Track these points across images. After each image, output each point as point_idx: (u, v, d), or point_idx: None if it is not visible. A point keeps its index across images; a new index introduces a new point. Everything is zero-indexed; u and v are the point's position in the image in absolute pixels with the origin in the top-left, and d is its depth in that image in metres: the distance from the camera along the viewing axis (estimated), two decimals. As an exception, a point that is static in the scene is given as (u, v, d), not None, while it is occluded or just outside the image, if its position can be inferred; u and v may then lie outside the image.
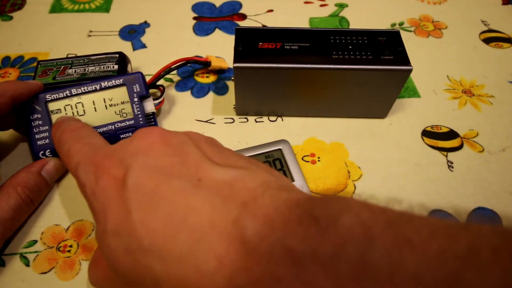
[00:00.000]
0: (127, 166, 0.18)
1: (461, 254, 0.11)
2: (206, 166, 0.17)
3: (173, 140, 0.19)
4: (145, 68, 0.39)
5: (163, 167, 0.17)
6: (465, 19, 0.46)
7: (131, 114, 0.31)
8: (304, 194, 0.16)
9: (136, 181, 0.17)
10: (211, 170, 0.17)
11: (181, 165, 0.18)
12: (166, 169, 0.17)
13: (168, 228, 0.15)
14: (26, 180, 0.27)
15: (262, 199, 0.15)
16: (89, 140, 0.22)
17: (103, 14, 0.45)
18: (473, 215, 0.29)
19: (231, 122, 0.35)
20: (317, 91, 0.32)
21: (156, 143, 0.19)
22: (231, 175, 0.17)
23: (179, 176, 0.17)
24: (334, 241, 0.13)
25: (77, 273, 0.26)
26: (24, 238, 0.27)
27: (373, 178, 0.31)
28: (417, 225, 0.13)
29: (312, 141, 0.33)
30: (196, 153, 0.18)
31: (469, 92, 0.38)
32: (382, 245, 0.12)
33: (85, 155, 0.20)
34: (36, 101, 0.30)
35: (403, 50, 0.31)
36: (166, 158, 0.18)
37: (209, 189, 0.16)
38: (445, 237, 0.12)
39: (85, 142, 0.22)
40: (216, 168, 0.17)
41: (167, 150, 0.18)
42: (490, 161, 0.32)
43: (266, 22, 0.45)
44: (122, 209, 0.17)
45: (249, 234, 0.14)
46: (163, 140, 0.19)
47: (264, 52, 0.30)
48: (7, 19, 0.44)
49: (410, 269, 0.11)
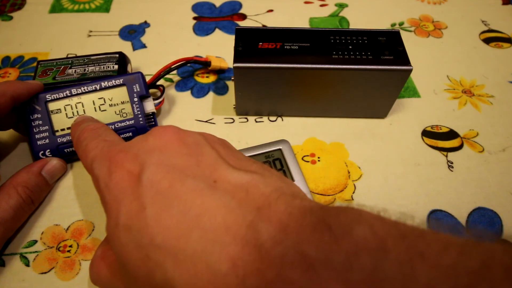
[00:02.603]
0: (142, 162, 0.18)
1: (473, 269, 0.11)
2: (222, 168, 0.18)
3: (188, 140, 0.19)
4: (145, 68, 0.39)
5: (179, 166, 0.18)
6: (465, 19, 0.46)
7: (131, 114, 0.31)
8: (316, 203, 0.16)
9: (151, 178, 0.17)
10: (226, 172, 0.18)
11: (196, 165, 0.18)
12: (182, 168, 0.17)
13: (181, 226, 0.16)
14: (27, 180, 0.27)
15: (276, 204, 0.16)
16: (106, 138, 0.22)
17: (103, 14, 0.45)
18: (473, 215, 0.29)
19: (231, 122, 0.35)
20: (317, 91, 0.32)
21: (171, 141, 0.19)
22: (246, 179, 0.17)
23: (194, 176, 0.17)
24: (348, 249, 0.13)
25: (77, 273, 0.26)
26: (24, 238, 0.27)
27: (373, 178, 0.31)
28: (429, 239, 0.13)
29: (312, 141, 0.33)
30: (211, 154, 0.19)
31: (469, 92, 0.38)
32: (395, 256, 0.12)
33: (101, 150, 0.21)
34: (36, 101, 0.30)
35: (403, 50, 0.31)
36: (182, 157, 0.18)
37: (225, 192, 0.17)
38: (457, 253, 0.12)
39: (101, 139, 0.22)
40: (232, 170, 0.18)
41: (182, 149, 0.19)
42: (490, 161, 0.32)
43: (266, 22, 0.45)
44: (135, 204, 0.17)
45: (264, 238, 0.14)
46: (179, 139, 0.19)
47: (264, 52, 0.30)
48: (7, 19, 0.44)
49: (422, 281, 0.11)
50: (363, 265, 0.12)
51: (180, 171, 0.17)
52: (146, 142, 0.19)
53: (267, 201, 0.16)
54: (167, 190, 0.17)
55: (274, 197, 0.16)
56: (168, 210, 0.16)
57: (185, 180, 0.17)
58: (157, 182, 0.17)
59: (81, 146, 0.23)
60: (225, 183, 0.17)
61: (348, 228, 0.13)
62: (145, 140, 0.19)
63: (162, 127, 0.20)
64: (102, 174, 0.19)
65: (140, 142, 0.20)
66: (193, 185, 0.17)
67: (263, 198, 0.16)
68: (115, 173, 0.18)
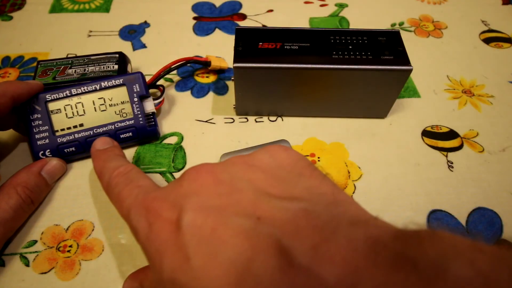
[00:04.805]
0: (180, 208, 0.17)
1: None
2: (263, 202, 0.16)
3: (223, 177, 0.18)
4: (145, 68, 0.39)
5: (218, 207, 0.16)
6: (465, 19, 0.46)
7: (131, 114, 0.31)
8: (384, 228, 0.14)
9: (191, 224, 0.16)
10: (269, 206, 0.16)
11: (236, 204, 0.16)
12: (221, 209, 0.16)
13: (232, 275, 0.14)
14: (26, 180, 0.27)
15: (335, 240, 0.14)
16: (139, 183, 0.21)
17: (103, 14, 0.45)
18: (473, 215, 0.29)
19: (231, 122, 0.35)
20: (317, 91, 0.32)
21: (207, 182, 0.18)
22: (293, 211, 0.15)
23: (236, 215, 0.16)
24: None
25: (77, 273, 0.26)
26: (24, 238, 0.27)
27: (373, 178, 0.31)
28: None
29: (312, 141, 0.33)
30: (249, 189, 0.17)
31: (469, 92, 0.38)
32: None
33: (136, 198, 0.19)
34: (36, 101, 0.30)
35: (403, 50, 0.31)
36: (220, 197, 0.17)
37: (272, 229, 0.15)
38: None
39: (134, 185, 0.21)
40: (274, 203, 0.16)
41: (219, 189, 0.17)
42: (490, 161, 0.32)
43: (266, 22, 0.45)
44: (178, 255, 0.15)
45: (331, 283, 0.12)
46: (214, 178, 0.18)
47: (264, 52, 0.30)
48: (7, 19, 0.44)
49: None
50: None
51: (220, 212, 0.16)
52: (181, 187, 0.18)
53: (323, 237, 0.14)
54: (210, 235, 0.15)
55: (330, 231, 0.14)
56: (215, 258, 0.15)
57: (228, 222, 0.15)
58: (198, 228, 0.16)
59: (114, 192, 0.22)
60: (270, 219, 0.15)
61: (441, 266, 0.11)
62: (180, 186, 0.18)
63: (195, 168, 0.19)
64: (141, 226, 0.18)
65: (174, 187, 0.19)
66: (237, 226, 0.15)
67: (317, 233, 0.14)
68: (154, 224, 0.17)
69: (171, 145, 0.33)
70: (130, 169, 0.23)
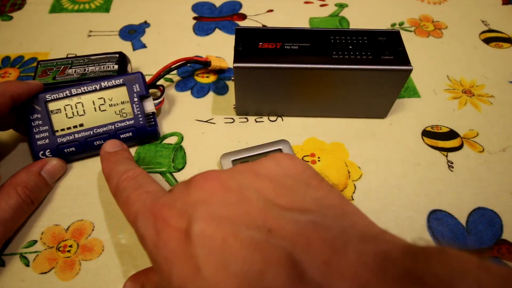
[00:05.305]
0: (188, 217, 0.17)
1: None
2: (273, 213, 0.16)
3: (231, 184, 0.18)
4: (145, 68, 0.39)
5: (228, 217, 0.16)
6: (465, 19, 0.46)
7: (131, 114, 0.31)
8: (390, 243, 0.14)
9: (201, 234, 0.16)
10: (279, 218, 0.16)
11: (246, 215, 0.16)
12: (231, 219, 0.16)
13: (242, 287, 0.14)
14: (26, 180, 0.27)
15: (345, 255, 0.14)
16: (147, 188, 0.21)
17: (103, 14, 0.45)
18: (473, 215, 0.29)
19: (231, 122, 0.35)
20: (317, 91, 0.32)
21: (215, 190, 0.18)
22: (303, 224, 0.15)
23: (246, 226, 0.16)
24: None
25: (77, 273, 0.26)
26: (24, 238, 0.27)
27: (373, 178, 0.31)
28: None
29: (312, 141, 0.33)
30: (258, 199, 0.17)
31: (469, 92, 0.38)
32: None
33: (144, 204, 0.19)
34: (36, 101, 0.30)
35: (403, 50, 0.31)
36: (229, 207, 0.17)
37: (283, 241, 0.15)
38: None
39: (143, 190, 0.21)
40: (284, 214, 0.16)
41: (227, 197, 0.17)
42: (490, 161, 0.32)
43: (266, 22, 0.45)
44: (189, 265, 0.15)
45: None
46: (221, 186, 0.18)
47: (264, 52, 0.30)
48: (7, 19, 0.44)
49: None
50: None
51: (230, 222, 0.16)
52: (189, 195, 0.18)
53: (334, 251, 0.14)
54: (221, 246, 0.15)
55: (340, 245, 0.14)
56: (226, 269, 0.14)
57: (238, 233, 0.15)
58: (208, 238, 0.15)
59: (122, 196, 0.22)
60: (281, 231, 0.15)
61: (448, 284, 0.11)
62: (188, 193, 0.18)
63: (203, 175, 0.19)
64: (149, 234, 0.18)
65: (182, 194, 0.18)
66: (248, 238, 0.15)
67: (328, 247, 0.14)
68: (162, 232, 0.17)
69: (171, 145, 0.33)
70: (139, 174, 0.23)
